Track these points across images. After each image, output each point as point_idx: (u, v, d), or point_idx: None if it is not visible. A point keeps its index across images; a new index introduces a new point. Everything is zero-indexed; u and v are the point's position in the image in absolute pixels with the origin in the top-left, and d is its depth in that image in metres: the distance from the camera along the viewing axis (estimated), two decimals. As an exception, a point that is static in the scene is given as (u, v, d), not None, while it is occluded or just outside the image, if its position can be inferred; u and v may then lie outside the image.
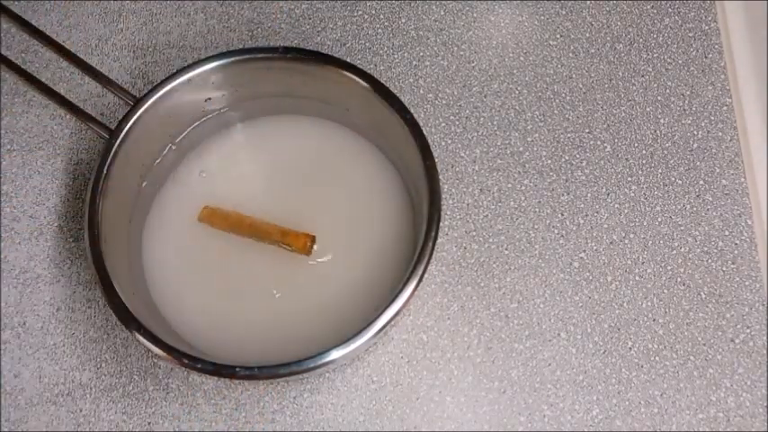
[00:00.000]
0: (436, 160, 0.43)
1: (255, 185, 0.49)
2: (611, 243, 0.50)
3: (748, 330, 0.48)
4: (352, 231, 0.47)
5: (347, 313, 0.45)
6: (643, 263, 0.49)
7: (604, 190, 0.51)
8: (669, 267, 0.49)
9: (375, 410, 0.46)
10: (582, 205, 0.50)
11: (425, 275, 0.41)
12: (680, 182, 0.51)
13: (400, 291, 0.40)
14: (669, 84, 0.53)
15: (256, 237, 0.46)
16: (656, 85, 0.53)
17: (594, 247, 0.49)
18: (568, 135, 0.52)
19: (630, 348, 0.47)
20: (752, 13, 0.54)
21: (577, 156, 0.52)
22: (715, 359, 0.47)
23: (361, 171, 0.49)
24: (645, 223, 0.50)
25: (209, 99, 0.48)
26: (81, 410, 0.46)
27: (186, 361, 0.40)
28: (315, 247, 0.46)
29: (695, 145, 0.52)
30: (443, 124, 0.52)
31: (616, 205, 0.50)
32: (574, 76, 0.53)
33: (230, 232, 0.47)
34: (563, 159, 0.51)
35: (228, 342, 0.45)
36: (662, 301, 0.48)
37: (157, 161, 0.48)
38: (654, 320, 0.48)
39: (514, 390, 0.46)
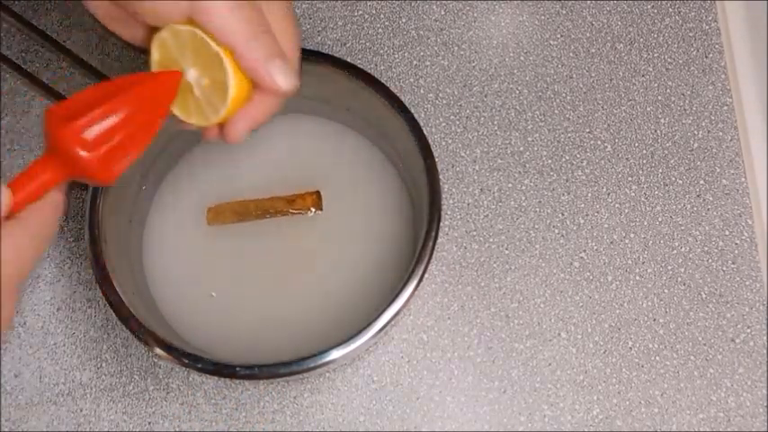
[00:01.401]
0: (436, 160, 0.43)
1: (255, 185, 0.48)
2: (611, 243, 0.50)
3: (749, 330, 0.48)
4: (352, 231, 0.47)
5: (347, 313, 0.45)
6: (643, 263, 0.49)
7: (605, 190, 0.51)
8: (669, 267, 0.49)
9: (375, 410, 0.46)
10: (582, 205, 0.50)
11: (425, 275, 0.41)
12: (680, 181, 0.51)
13: (400, 291, 0.40)
14: (669, 83, 0.53)
15: (266, 215, 0.46)
16: (656, 85, 0.53)
17: (595, 247, 0.49)
18: (569, 135, 0.52)
19: (631, 348, 0.47)
20: (752, 12, 0.54)
21: (578, 155, 0.52)
22: (715, 359, 0.47)
23: (361, 171, 0.49)
24: (645, 223, 0.50)
25: (210, 99, 0.48)
26: (81, 410, 0.46)
27: (186, 360, 0.40)
28: (321, 197, 0.47)
29: (695, 145, 0.52)
30: (444, 124, 0.52)
31: (616, 205, 0.50)
32: (574, 75, 0.53)
33: (241, 221, 0.47)
34: (563, 159, 0.51)
35: (229, 341, 0.45)
36: (662, 300, 0.48)
37: (157, 161, 0.48)
38: (654, 320, 0.48)
39: (515, 389, 0.46)
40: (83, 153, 0.29)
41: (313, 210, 0.46)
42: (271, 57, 0.32)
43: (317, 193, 0.47)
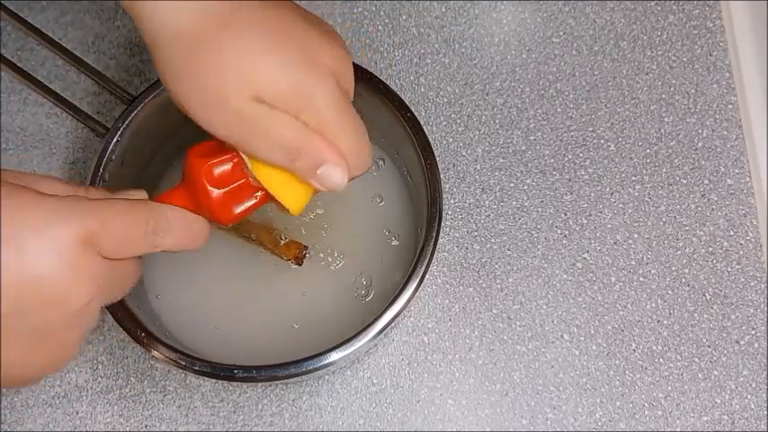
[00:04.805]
0: (437, 159, 0.43)
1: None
2: (614, 243, 0.49)
3: (753, 332, 0.47)
4: (352, 231, 0.47)
5: (347, 314, 0.45)
6: (647, 263, 0.48)
7: (608, 189, 0.50)
8: (674, 268, 0.48)
9: (375, 413, 0.45)
10: (585, 205, 0.50)
11: (426, 276, 0.40)
12: (684, 181, 0.50)
13: (400, 292, 0.40)
14: (674, 82, 0.52)
15: (251, 241, 0.46)
16: (660, 83, 0.52)
17: (598, 248, 0.49)
18: (571, 133, 0.51)
19: (634, 350, 0.47)
20: (757, 10, 0.54)
21: (581, 155, 0.51)
22: (720, 361, 0.46)
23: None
24: (649, 223, 0.49)
25: (207, 97, 0.47)
26: (77, 413, 0.46)
27: (183, 362, 0.39)
28: (306, 255, 0.46)
29: (700, 144, 0.51)
30: (444, 123, 0.52)
31: (620, 205, 0.50)
32: (577, 73, 0.53)
33: (230, 233, 0.46)
34: (566, 158, 0.51)
35: (227, 344, 0.45)
36: (666, 302, 0.48)
37: (154, 159, 0.48)
38: (658, 322, 0.47)
39: (517, 392, 0.46)
40: (211, 188, 0.33)
41: (293, 262, 0.45)
42: (313, 169, 0.32)
43: (304, 247, 0.45)
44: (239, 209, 0.34)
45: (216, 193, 0.33)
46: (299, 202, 0.35)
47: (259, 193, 0.34)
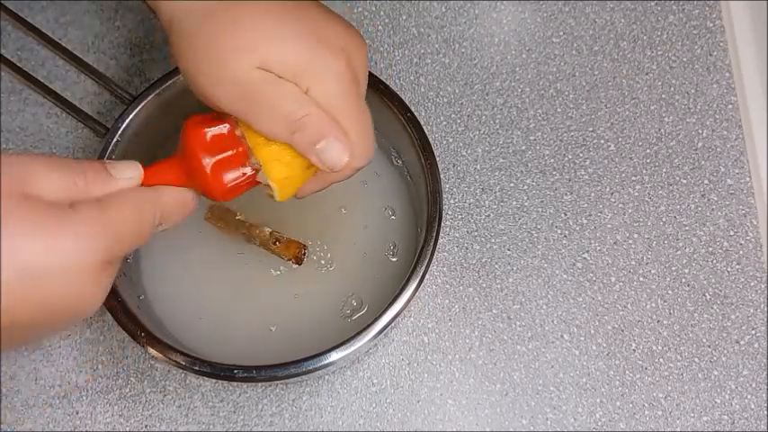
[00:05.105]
0: (437, 159, 0.43)
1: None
2: (614, 243, 0.49)
3: (753, 332, 0.47)
4: (352, 231, 0.47)
5: (347, 315, 0.45)
6: (647, 263, 0.48)
7: (608, 189, 0.50)
8: (674, 268, 0.48)
9: (375, 413, 0.45)
10: (585, 205, 0.50)
11: (426, 276, 0.40)
12: (684, 181, 0.50)
13: (400, 292, 0.40)
14: (674, 82, 0.52)
15: (252, 241, 0.46)
16: (660, 83, 0.52)
17: (598, 248, 0.49)
18: (571, 133, 0.51)
19: (634, 350, 0.47)
20: (757, 10, 0.54)
21: (581, 155, 0.51)
22: (720, 361, 0.46)
23: (361, 170, 0.48)
24: (649, 223, 0.49)
25: (207, 97, 0.47)
26: (77, 413, 0.46)
27: (183, 362, 0.39)
28: (306, 254, 0.46)
29: (700, 144, 0.51)
30: (444, 123, 0.52)
31: (620, 205, 0.50)
32: (577, 73, 0.53)
33: (230, 234, 0.46)
34: (566, 158, 0.51)
35: (226, 344, 0.45)
36: (666, 302, 0.48)
37: (154, 159, 0.47)
38: (658, 322, 0.47)
39: (517, 392, 0.46)
40: (203, 155, 0.33)
41: (293, 261, 0.45)
42: (313, 143, 0.32)
43: (304, 246, 0.45)
44: (230, 177, 0.33)
45: (208, 159, 0.33)
46: (287, 182, 0.34)
47: (248, 168, 0.34)
